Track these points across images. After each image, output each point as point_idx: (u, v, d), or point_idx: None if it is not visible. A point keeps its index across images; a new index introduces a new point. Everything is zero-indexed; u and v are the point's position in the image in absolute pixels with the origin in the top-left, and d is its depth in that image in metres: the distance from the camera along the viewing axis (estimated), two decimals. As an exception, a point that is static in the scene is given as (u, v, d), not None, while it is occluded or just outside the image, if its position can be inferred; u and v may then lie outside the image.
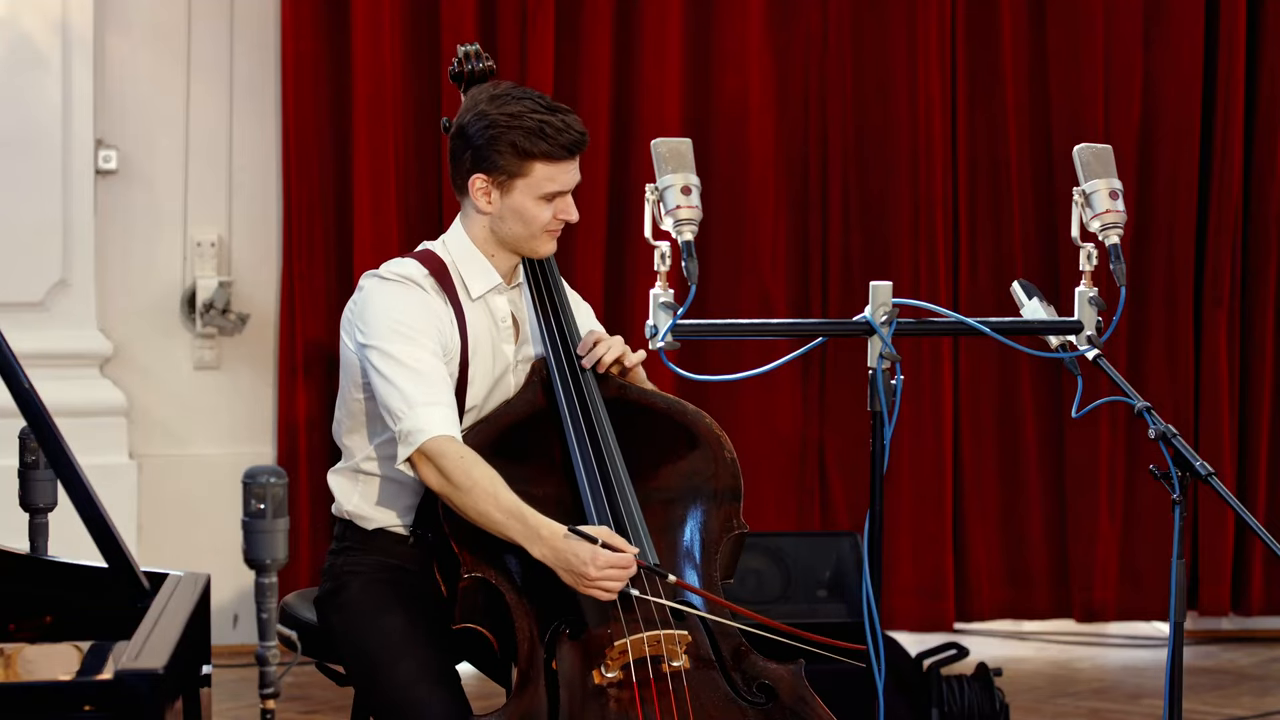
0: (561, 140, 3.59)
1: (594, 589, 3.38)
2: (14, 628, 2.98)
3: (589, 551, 3.36)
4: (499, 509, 3.42)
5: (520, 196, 3.62)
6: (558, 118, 3.60)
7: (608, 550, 3.37)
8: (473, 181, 3.64)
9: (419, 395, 3.49)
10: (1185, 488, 3.14)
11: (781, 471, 6.23)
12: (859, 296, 3.26)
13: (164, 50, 6.07)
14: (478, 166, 3.63)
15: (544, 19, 6.03)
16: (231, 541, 2.91)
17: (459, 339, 3.63)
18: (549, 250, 3.70)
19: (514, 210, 3.63)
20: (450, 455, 3.45)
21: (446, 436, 3.46)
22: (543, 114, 3.60)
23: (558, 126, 3.59)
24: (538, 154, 3.59)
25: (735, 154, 6.19)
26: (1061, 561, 6.38)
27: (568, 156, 3.61)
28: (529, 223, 3.64)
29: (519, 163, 3.59)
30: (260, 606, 2.64)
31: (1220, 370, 6.35)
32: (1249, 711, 5.65)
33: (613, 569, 3.37)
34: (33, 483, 3.43)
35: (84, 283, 5.96)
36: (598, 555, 3.36)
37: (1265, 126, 6.37)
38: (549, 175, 3.60)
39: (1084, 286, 3.35)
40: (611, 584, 3.38)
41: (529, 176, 3.60)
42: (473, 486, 3.43)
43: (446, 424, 3.48)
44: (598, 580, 3.37)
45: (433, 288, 3.64)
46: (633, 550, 3.40)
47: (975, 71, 6.29)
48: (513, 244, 3.67)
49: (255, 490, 2.62)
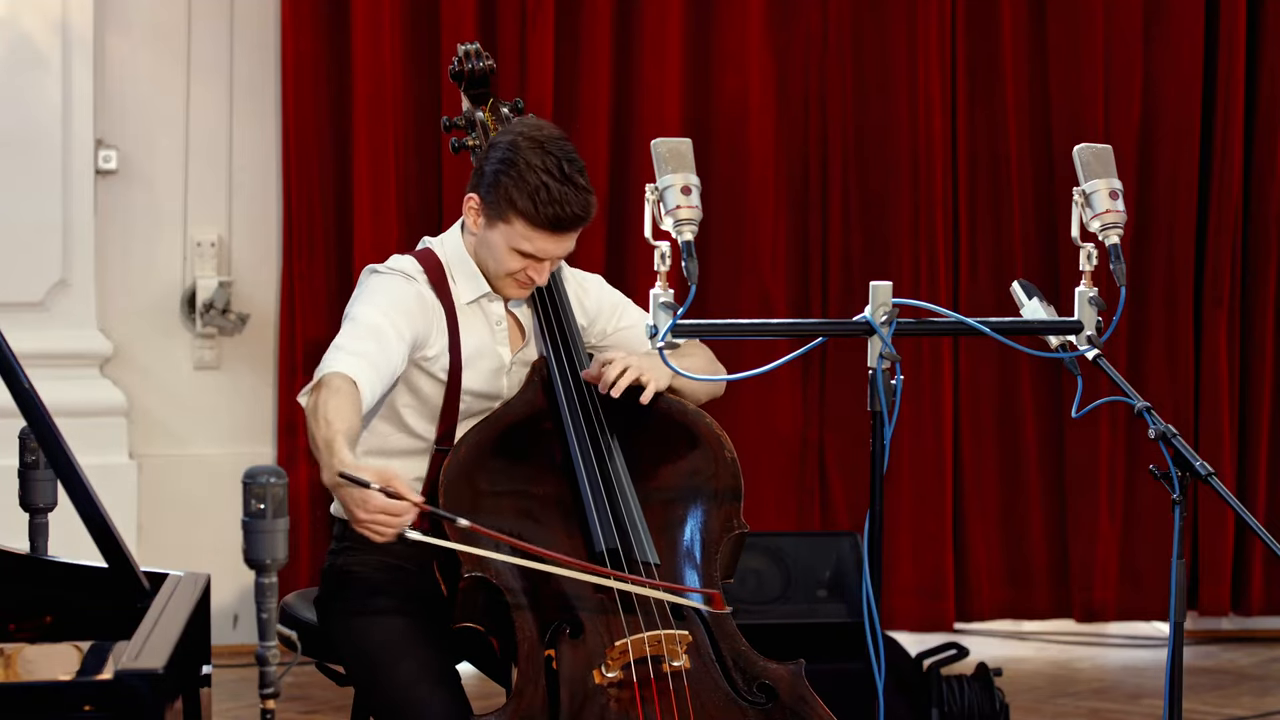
0: (546, 213, 3.57)
1: (364, 530, 3.31)
2: (14, 628, 2.98)
3: (359, 494, 3.27)
4: (322, 436, 3.36)
5: (498, 235, 3.64)
6: (559, 188, 3.57)
7: (380, 496, 3.26)
8: (469, 198, 3.67)
9: (349, 344, 3.50)
10: (1185, 488, 3.14)
11: (781, 471, 6.23)
12: (859, 296, 3.26)
13: (164, 50, 6.07)
14: (477, 188, 3.66)
15: (544, 19, 6.03)
16: (231, 541, 2.91)
17: (447, 337, 3.64)
18: (515, 295, 3.71)
19: (488, 244, 3.66)
20: (330, 386, 3.42)
21: (340, 373, 3.44)
22: (549, 179, 3.58)
23: (554, 198, 3.57)
24: (521, 212, 3.59)
25: (735, 154, 6.19)
26: (1061, 561, 6.38)
27: (548, 229, 3.60)
28: (498, 262, 3.66)
29: (505, 209, 3.61)
30: (260, 606, 2.64)
31: (1220, 370, 6.35)
32: (1249, 711, 5.65)
33: (383, 514, 3.28)
34: (33, 483, 3.43)
35: (84, 283, 5.96)
36: (368, 500, 3.27)
37: (1265, 126, 6.37)
38: (525, 235, 3.61)
39: (1084, 286, 3.35)
40: (381, 529, 3.29)
41: (510, 226, 3.62)
42: (318, 413, 3.39)
43: (351, 368, 3.45)
44: (365, 523, 3.29)
45: (426, 283, 3.65)
46: (414, 498, 3.29)
47: (975, 71, 6.29)
48: (483, 270, 3.69)
49: (255, 490, 2.62)
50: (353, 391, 3.43)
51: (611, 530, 3.53)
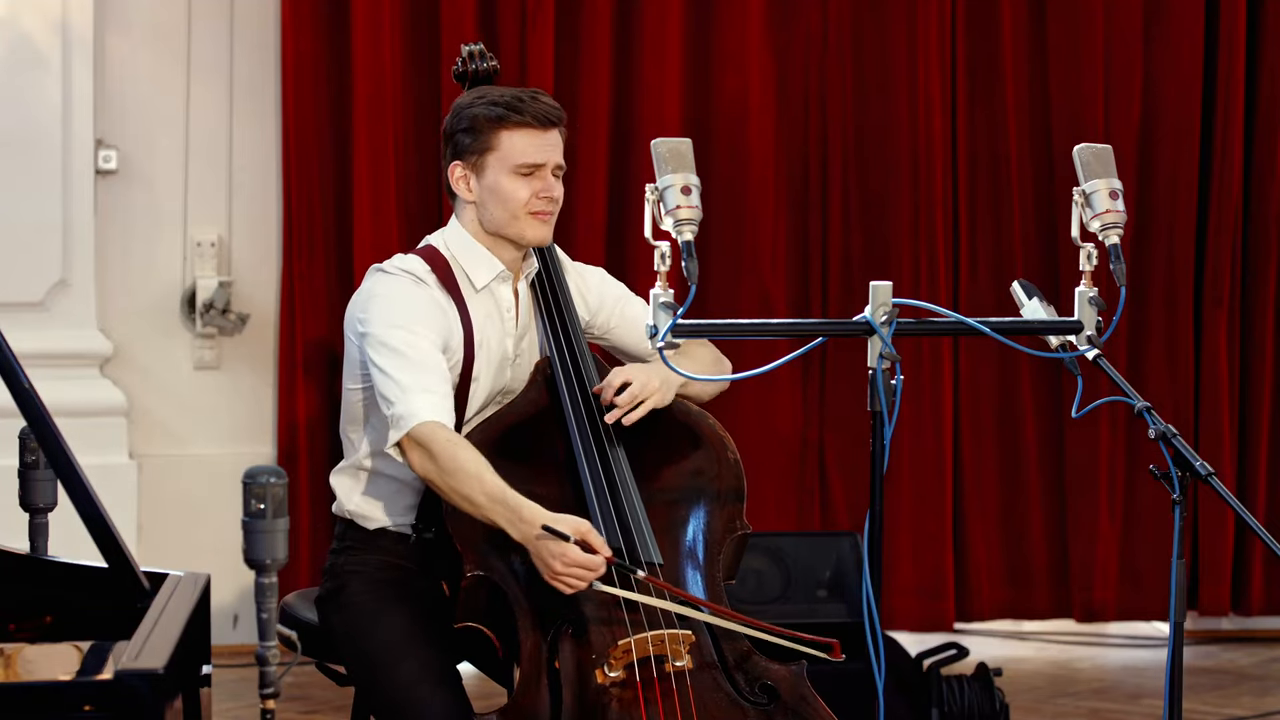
0: (530, 109, 3.60)
1: (557, 583, 3.38)
2: (14, 628, 2.98)
3: (559, 548, 3.35)
4: (483, 493, 3.40)
5: (493, 174, 3.63)
6: (527, 93, 3.63)
7: (577, 550, 3.36)
8: (451, 170, 3.67)
9: (412, 382, 3.48)
10: (1185, 488, 3.14)
11: (781, 471, 6.23)
12: (859, 296, 3.26)
13: (164, 50, 6.07)
14: (454, 156, 3.66)
15: (544, 19, 6.03)
16: (231, 541, 2.91)
17: (463, 334, 3.64)
18: (539, 234, 3.68)
19: (491, 190, 3.64)
20: (438, 440, 3.43)
21: (436, 422, 3.45)
22: (510, 95, 3.62)
23: (525, 99, 3.61)
24: (502, 120, 3.59)
25: (735, 154, 6.19)
26: (1061, 561, 6.38)
27: (536, 125, 3.60)
28: (506, 201, 3.63)
29: (486, 136, 3.61)
30: (260, 606, 2.64)
31: (1220, 370, 6.35)
32: (1249, 711, 5.65)
33: (578, 568, 3.35)
34: (33, 483, 3.43)
35: (84, 283, 5.96)
36: (566, 553, 3.35)
37: (1265, 126, 6.37)
38: (516, 146, 3.61)
39: (1084, 286, 3.35)
40: (575, 581, 3.37)
41: (498, 150, 3.61)
42: (458, 470, 3.41)
43: (437, 410, 3.46)
44: (561, 575, 3.36)
45: (436, 283, 3.65)
46: (606, 552, 3.38)
47: (975, 71, 6.29)
48: (499, 230, 3.67)
49: (255, 490, 2.62)
50: (460, 437, 3.48)
51: (615, 530, 3.53)
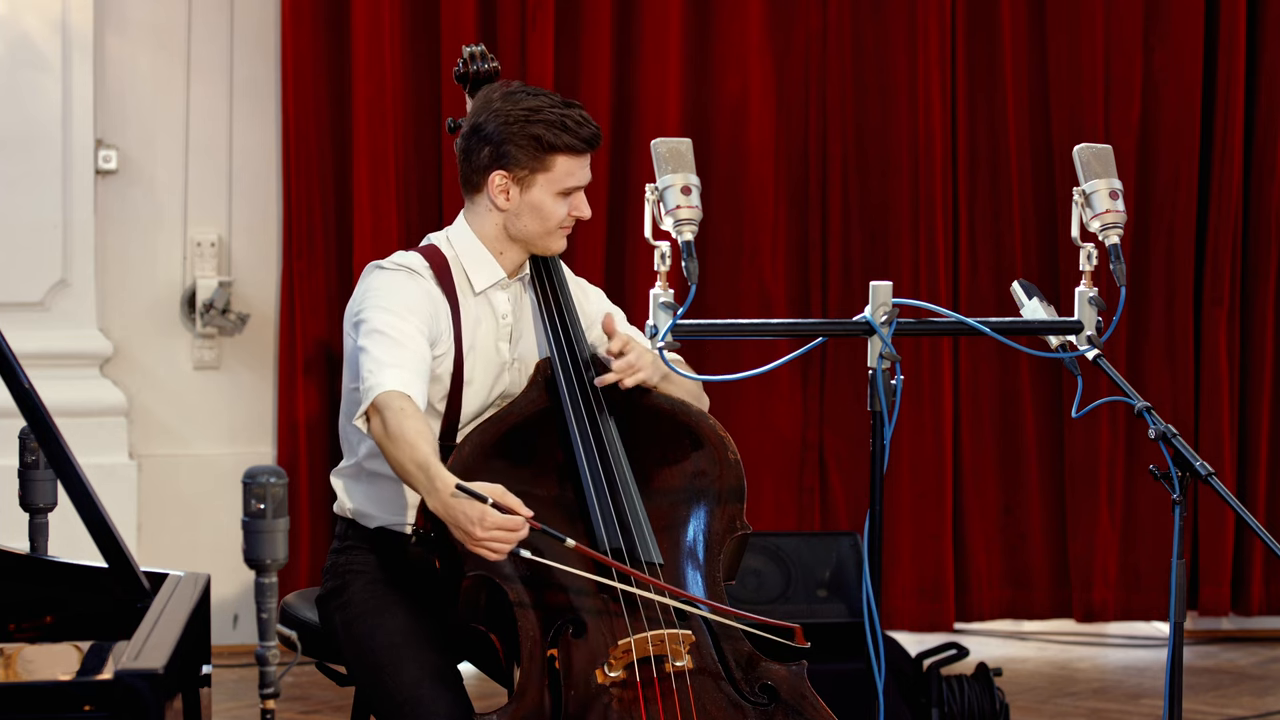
0: (582, 134, 3.63)
1: (480, 549, 3.32)
2: (14, 628, 2.98)
3: (477, 511, 3.30)
4: (411, 459, 3.37)
5: (540, 192, 3.63)
6: (575, 112, 3.65)
7: (496, 511, 3.30)
8: (491, 179, 3.65)
9: (386, 357, 3.49)
10: (1185, 488, 3.14)
11: (781, 472, 6.23)
12: (859, 296, 3.26)
13: (164, 50, 6.07)
14: (497, 163, 3.64)
15: (544, 19, 6.02)
16: (231, 541, 2.91)
17: (452, 333, 3.64)
18: (561, 247, 3.72)
19: (532, 206, 3.65)
20: (392, 408, 3.42)
21: (397, 392, 3.44)
22: (561, 109, 3.64)
23: (577, 120, 3.63)
24: (561, 147, 3.61)
25: (735, 154, 6.19)
26: (1061, 561, 6.38)
27: (587, 150, 3.64)
28: (546, 219, 3.65)
29: (541, 157, 3.62)
30: (260, 606, 2.64)
31: (1220, 370, 6.35)
32: (1249, 711, 5.65)
33: (500, 530, 3.30)
34: (33, 483, 3.43)
35: (84, 283, 5.96)
36: (485, 515, 3.29)
37: (1265, 126, 6.37)
38: (569, 170, 3.63)
39: (1084, 286, 3.35)
40: (498, 545, 3.31)
41: (551, 171, 3.62)
42: (399, 437, 3.39)
43: (401, 382, 3.45)
44: (483, 540, 3.31)
45: (431, 279, 3.65)
46: (526, 513, 3.32)
47: (975, 71, 6.29)
48: (526, 241, 3.68)
49: (255, 490, 2.62)
50: (415, 408, 3.44)
51: (615, 530, 3.53)
